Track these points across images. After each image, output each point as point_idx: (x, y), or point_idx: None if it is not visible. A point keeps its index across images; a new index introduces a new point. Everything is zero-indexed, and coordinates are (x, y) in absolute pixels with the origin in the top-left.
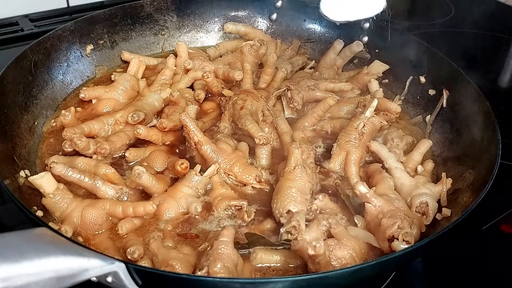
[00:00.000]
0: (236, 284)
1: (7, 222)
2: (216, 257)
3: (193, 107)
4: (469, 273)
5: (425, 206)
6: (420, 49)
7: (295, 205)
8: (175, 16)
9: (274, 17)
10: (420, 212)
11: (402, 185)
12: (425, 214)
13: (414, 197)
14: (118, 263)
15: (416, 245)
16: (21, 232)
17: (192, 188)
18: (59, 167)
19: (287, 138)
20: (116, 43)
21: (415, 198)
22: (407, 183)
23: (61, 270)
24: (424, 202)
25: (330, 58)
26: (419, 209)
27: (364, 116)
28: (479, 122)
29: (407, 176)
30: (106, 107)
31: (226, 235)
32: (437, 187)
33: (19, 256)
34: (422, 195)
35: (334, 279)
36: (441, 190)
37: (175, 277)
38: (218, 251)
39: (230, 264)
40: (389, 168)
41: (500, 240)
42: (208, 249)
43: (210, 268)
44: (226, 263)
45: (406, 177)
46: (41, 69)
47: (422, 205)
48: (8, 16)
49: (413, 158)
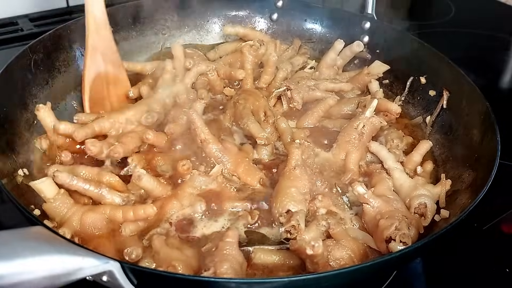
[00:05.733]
0: (231, 284)
1: (7, 222)
2: (222, 258)
3: (201, 104)
4: (469, 273)
5: (423, 207)
6: (421, 50)
7: (295, 205)
8: (176, 16)
9: (275, 17)
10: (418, 214)
11: (401, 186)
12: (424, 215)
13: (412, 198)
14: (113, 262)
15: (412, 246)
16: (16, 231)
17: (196, 188)
18: (64, 176)
19: (287, 138)
20: (116, 42)
21: (413, 199)
22: (406, 184)
23: (55, 268)
24: (422, 204)
25: (331, 58)
26: (418, 210)
27: (364, 116)
28: (479, 122)
29: (406, 177)
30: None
31: (231, 236)
32: (436, 188)
33: (13, 254)
34: (421, 196)
35: (331, 279)
36: (440, 191)
37: (170, 277)
38: (223, 252)
39: (236, 265)
40: (388, 168)
41: (500, 240)
42: (213, 249)
43: (216, 268)
44: (232, 264)
45: (405, 178)
46: (41, 68)
47: (420, 206)
48: (8, 16)
49: (412, 159)
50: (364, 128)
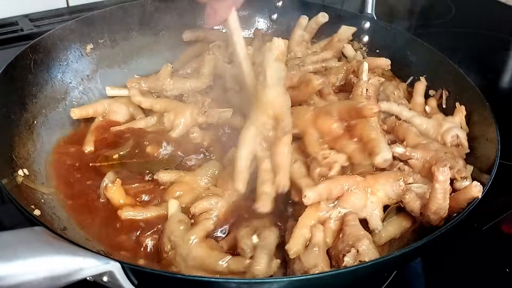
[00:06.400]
0: (232, 284)
1: (7, 222)
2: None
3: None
4: (469, 273)
5: (456, 138)
6: (421, 50)
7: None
8: (176, 16)
9: (275, 17)
10: (454, 145)
11: (426, 129)
12: (460, 144)
13: (443, 134)
14: (114, 262)
15: (414, 245)
16: (16, 231)
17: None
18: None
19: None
20: (117, 42)
21: (445, 135)
22: (430, 125)
23: (56, 269)
24: (454, 135)
25: (298, 35)
26: (452, 142)
27: (363, 81)
28: (479, 122)
29: (426, 119)
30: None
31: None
32: (455, 117)
33: (13, 255)
34: (450, 129)
35: (330, 279)
36: (460, 118)
37: (171, 277)
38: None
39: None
40: (406, 119)
41: (500, 240)
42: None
43: (357, 247)
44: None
45: (425, 121)
46: (41, 68)
47: (453, 138)
48: (8, 16)
49: (417, 102)
50: (368, 92)
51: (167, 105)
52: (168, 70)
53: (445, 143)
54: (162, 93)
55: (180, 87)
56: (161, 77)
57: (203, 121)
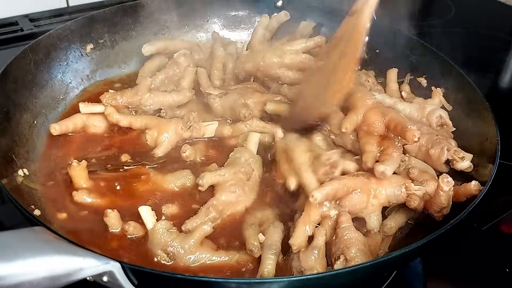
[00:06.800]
0: (232, 284)
1: (7, 222)
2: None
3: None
4: (469, 273)
5: (440, 118)
6: (421, 50)
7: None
8: (176, 16)
9: None
10: (439, 125)
11: (410, 113)
12: (444, 124)
13: (428, 116)
14: (113, 262)
15: (414, 245)
16: (16, 231)
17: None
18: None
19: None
20: (116, 42)
21: (429, 116)
22: (413, 109)
23: (56, 269)
24: (438, 115)
25: (261, 34)
26: (438, 122)
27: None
28: (479, 122)
29: (409, 104)
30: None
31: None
32: (435, 99)
33: (13, 255)
34: (434, 110)
35: (330, 279)
36: (439, 100)
37: (171, 277)
38: (345, 238)
39: (361, 246)
40: (389, 106)
41: (500, 240)
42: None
43: (346, 255)
44: (359, 246)
45: (408, 105)
46: (41, 68)
47: (438, 118)
48: (8, 16)
49: (391, 88)
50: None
51: (148, 122)
52: (147, 84)
53: (431, 124)
54: (140, 108)
55: (160, 101)
56: (139, 91)
57: (187, 136)
